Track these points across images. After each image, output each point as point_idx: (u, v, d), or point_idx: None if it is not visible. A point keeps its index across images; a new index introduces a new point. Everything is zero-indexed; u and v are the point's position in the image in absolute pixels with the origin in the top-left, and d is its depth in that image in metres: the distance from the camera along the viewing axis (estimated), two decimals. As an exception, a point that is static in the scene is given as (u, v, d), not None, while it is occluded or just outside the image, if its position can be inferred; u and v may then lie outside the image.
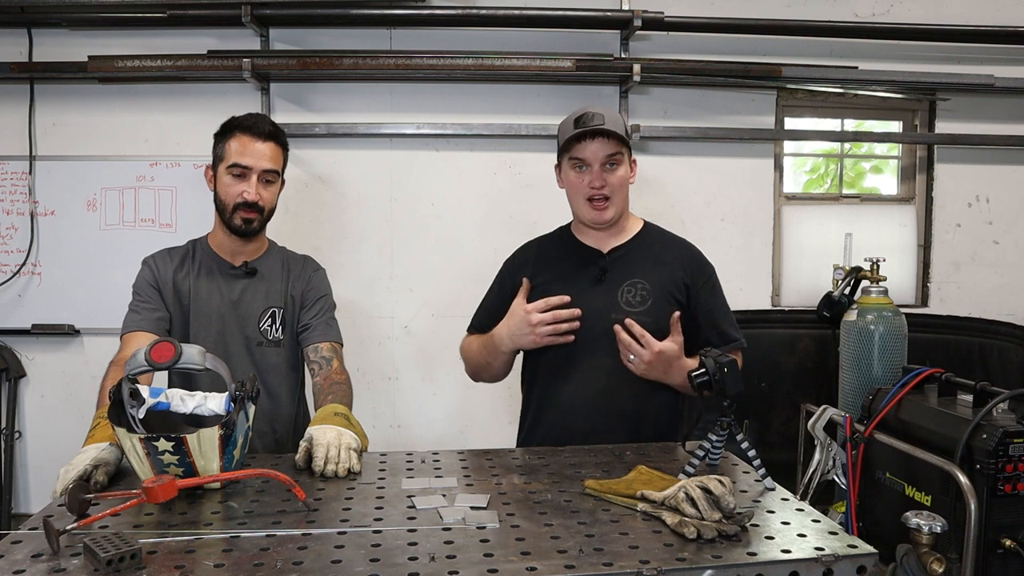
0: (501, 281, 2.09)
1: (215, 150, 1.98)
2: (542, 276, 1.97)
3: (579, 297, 1.90)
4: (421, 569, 1.07)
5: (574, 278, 1.95)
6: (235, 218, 1.94)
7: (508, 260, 2.11)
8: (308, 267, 2.10)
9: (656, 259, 1.97)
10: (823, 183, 3.75)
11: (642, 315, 1.87)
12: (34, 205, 3.26)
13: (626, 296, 1.90)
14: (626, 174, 1.93)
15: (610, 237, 1.99)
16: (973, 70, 3.40)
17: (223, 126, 1.98)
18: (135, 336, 1.87)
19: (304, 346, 2.02)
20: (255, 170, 1.92)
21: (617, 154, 1.89)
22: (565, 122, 1.93)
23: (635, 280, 1.92)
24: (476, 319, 2.12)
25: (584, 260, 1.98)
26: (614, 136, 1.87)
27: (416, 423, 3.41)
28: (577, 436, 1.83)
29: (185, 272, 1.99)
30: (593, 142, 1.87)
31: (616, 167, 1.90)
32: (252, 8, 3.06)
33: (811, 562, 1.11)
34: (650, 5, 3.20)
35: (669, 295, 1.92)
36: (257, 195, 1.93)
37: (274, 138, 1.96)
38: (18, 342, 3.33)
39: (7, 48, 3.24)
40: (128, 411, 1.45)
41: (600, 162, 1.88)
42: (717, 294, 1.99)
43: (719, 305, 1.98)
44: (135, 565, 1.07)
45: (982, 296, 3.55)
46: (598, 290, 1.92)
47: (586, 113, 1.88)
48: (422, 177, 3.37)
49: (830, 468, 2.16)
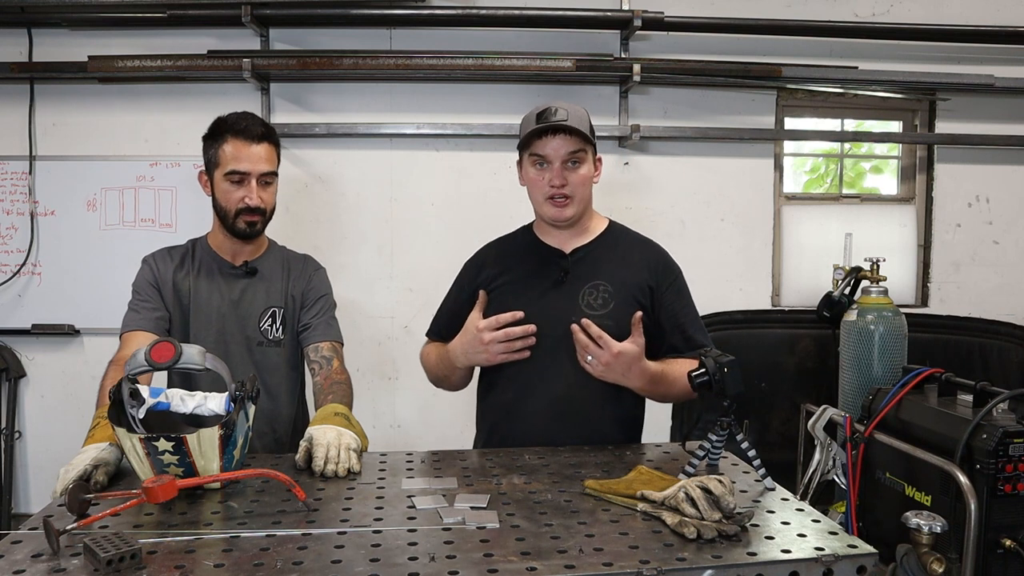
0: (460, 284, 2.01)
1: (206, 153, 1.95)
2: (503, 277, 1.91)
3: (539, 299, 1.84)
4: (421, 569, 1.07)
5: (535, 279, 1.88)
6: (238, 223, 1.93)
7: (468, 261, 2.03)
8: (308, 266, 2.09)
9: (620, 260, 1.89)
10: (823, 183, 3.75)
11: (603, 318, 1.78)
12: (34, 205, 3.26)
13: (587, 298, 1.83)
14: (589, 173, 1.84)
15: (573, 237, 1.91)
16: (973, 70, 3.40)
17: (213, 129, 1.94)
18: (134, 335, 1.87)
19: (304, 346, 2.02)
20: (253, 174, 1.91)
21: (579, 151, 1.80)
22: (527, 116, 1.85)
23: (597, 282, 1.85)
24: (435, 324, 2.05)
25: (545, 260, 1.90)
26: (576, 133, 1.78)
27: (416, 423, 3.41)
28: (535, 443, 1.77)
29: (185, 272, 1.99)
30: (554, 139, 1.78)
31: (578, 165, 1.82)
32: (252, 8, 3.06)
33: (811, 562, 1.10)
34: (650, 5, 3.20)
35: (632, 298, 1.83)
36: (259, 199, 1.92)
37: (267, 139, 1.94)
38: (18, 342, 3.33)
39: (7, 48, 3.24)
40: (128, 411, 1.45)
41: (561, 159, 1.79)
42: (683, 297, 1.90)
43: (685, 309, 1.89)
44: (135, 565, 1.07)
45: (982, 296, 3.55)
46: (559, 292, 1.85)
47: (548, 108, 1.79)
48: (422, 177, 3.37)
49: (830, 468, 2.16)
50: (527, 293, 1.86)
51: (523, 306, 1.82)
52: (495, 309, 1.85)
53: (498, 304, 1.87)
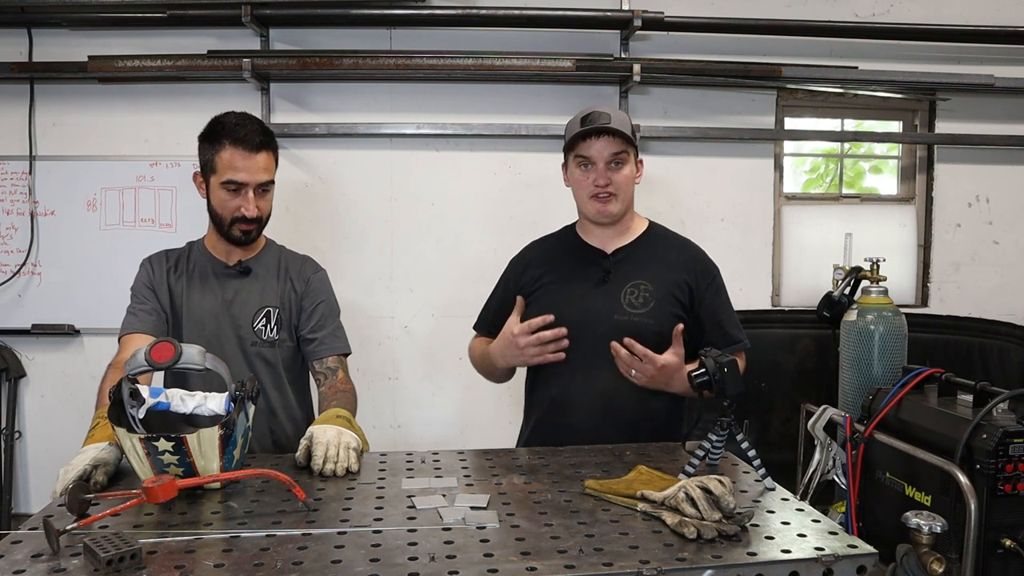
0: (505, 280, 2.09)
1: (202, 155, 1.91)
2: (546, 276, 1.98)
3: (582, 298, 1.91)
4: (421, 569, 1.07)
5: (577, 279, 1.95)
6: (234, 231, 1.92)
7: (514, 259, 2.11)
8: (307, 268, 2.06)
9: (660, 260, 1.96)
10: (823, 183, 3.75)
11: (644, 317, 1.88)
12: (34, 205, 3.26)
13: (629, 298, 1.90)
14: (631, 173, 1.94)
15: (615, 237, 1.99)
16: (973, 70, 3.40)
17: (209, 130, 1.90)
18: (132, 339, 1.86)
19: (310, 360, 2.01)
20: (251, 185, 1.88)
21: (622, 152, 1.89)
22: (572, 121, 1.94)
23: (638, 281, 1.92)
24: (482, 319, 2.14)
25: (588, 260, 1.97)
26: (619, 135, 1.87)
27: (416, 423, 3.41)
28: (580, 437, 1.83)
29: (179, 274, 1.98)
30: (598, 140, 1.87)
31: (621, 166, 1.91)
32: (252, 8, 3.06)
33: (811, 562, 1.11)
34: (650, 5, 3.20)
35: (672, 297, 1.91)
36: (255, 210, 1.90)
37: (266, 147, 1.90)
38: (18, 342, 3.33)
39: (7, 48, 3.24)
40: (128, 411, 1.45)
41: (605, 160, 1.89)
42: (721, 295, 1.99)
43: (723, 306, 1.98)
44: (135, 565, 1.07)
45: (982, 296, 3.55)
46: (601, 291, 1.92)
47: (593, 112, 1.89)
48: (422, 177, 3.37)
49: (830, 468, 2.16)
50: (570, 292, 1.93)
51: (566, 305, 1.90)
52: (540, 307, 1.92)
53: (542, 302, 1.94)
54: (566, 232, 2.09)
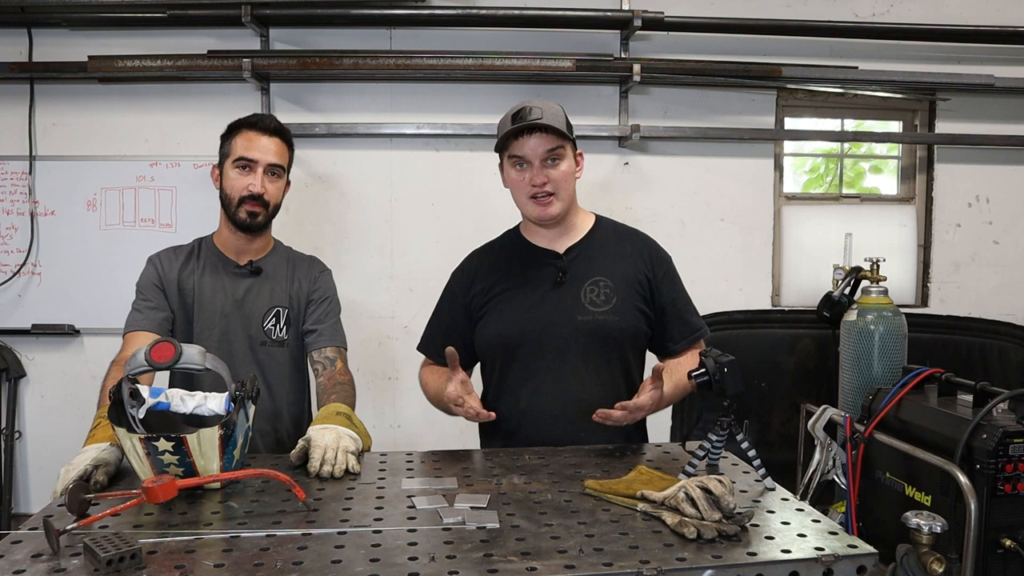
0: (452, 296, 1.98)
1: (221, 149, 1.99)
2: (498, 286, 1.89)
3: (540, 302, 1.83)
4: (421, 569, 1.07)
5: (532, 283, 1.86)
6: (240, 212, 1.94)
7: (456, 272, 2.00)
8: (314, 268, 2.09)
9: (615, 254, 1.89)
10: (823, 183, 3.75)
11: (608, 314, 1.81)
12: (34, 205, 3.26)
13: (590, 296, 1.83)
14: (570, 168, 1.83)
15: (563, 236, 1.90)
16: (973, 70, 3.40)
17: (229, 126, 2.00)
18: (137, 336, 1.87)
19: (309, 350, 2.02)
20: (260, 163, 1.94)
21: (558, 148, 1.79)
22: (503, 118, 1.83)
23: (597, 278, 1.85)
24: (428, 339, 2.01)
25: (540, 263, 1.89)
26: (552, 131, 1.76)
27: (416, 423, 3.41)
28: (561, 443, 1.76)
29: (190, 270, 1.99)
30: (531, 138, 1.77)
31: (558, 162, 1.80)
32: (252, 8, 3.06)
33: (811, 562, 1.10)
34: (650, 5, 3.20)
35: (632, 291, 1.85)
36: (262, 187, 1.94)
37: (279, 134, 1.99)
38: (18, 342, 3.33)
39: (7, 48, 3.24)
40: (128, 411, 1.45)
41: (540, 158, 1.78)
42: (676, 283, 1.93)
43: (680, 295, 1.92)
44: (135, 565, 1.07)
45: (982, 296, 3.55)
46: (559, 293, 1.84)
47: (523, 108, 1.78)
48: (422, 177, 3.37)
49: (830, 468, 2.15)
50: (527, 298, 1.85)
51: (525, 311, 1.84)
52: (495, 318, 1.87)
53: (498, 313, 1.87)
54: (511, 236, 1.99)
